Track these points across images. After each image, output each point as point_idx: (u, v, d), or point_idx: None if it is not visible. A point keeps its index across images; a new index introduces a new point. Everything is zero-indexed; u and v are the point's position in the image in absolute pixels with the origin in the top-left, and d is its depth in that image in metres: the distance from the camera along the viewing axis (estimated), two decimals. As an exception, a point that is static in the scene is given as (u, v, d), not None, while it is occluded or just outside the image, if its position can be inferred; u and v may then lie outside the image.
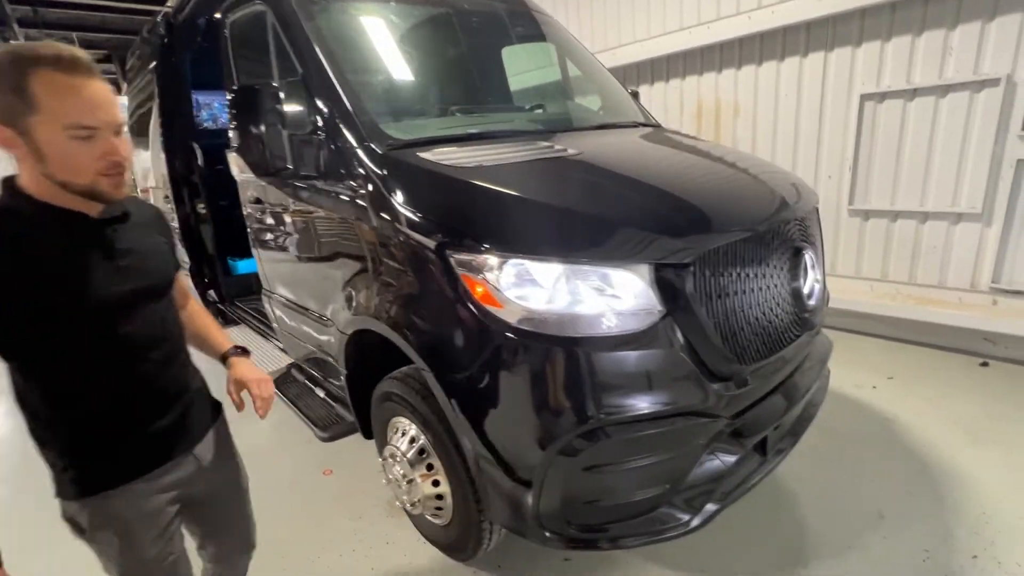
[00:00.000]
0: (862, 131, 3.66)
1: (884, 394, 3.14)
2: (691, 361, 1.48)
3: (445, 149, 1.83)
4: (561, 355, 1.42)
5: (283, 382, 3.20)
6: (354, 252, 1.97)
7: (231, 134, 1.81)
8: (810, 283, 1.78)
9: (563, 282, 1.43)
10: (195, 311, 1.42)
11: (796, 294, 1.74)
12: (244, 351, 1.40)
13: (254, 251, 2.92)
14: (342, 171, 1.89)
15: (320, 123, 1.94)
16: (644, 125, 2.73)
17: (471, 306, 1.50)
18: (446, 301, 1.57)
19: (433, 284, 1.61)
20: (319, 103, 1.94)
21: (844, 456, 2.59)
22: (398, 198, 1.70)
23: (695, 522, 1.56)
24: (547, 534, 1.53)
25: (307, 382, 3.07)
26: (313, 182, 2.03)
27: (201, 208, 3.95)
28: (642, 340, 1.44)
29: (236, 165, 1.83)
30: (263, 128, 1.86)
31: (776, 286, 1.69)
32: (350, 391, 2.24)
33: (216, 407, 1.36)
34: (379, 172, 1.76)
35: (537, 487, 1.48)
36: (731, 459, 1.60)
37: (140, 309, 1.10)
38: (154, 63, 3.84)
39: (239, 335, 3.63)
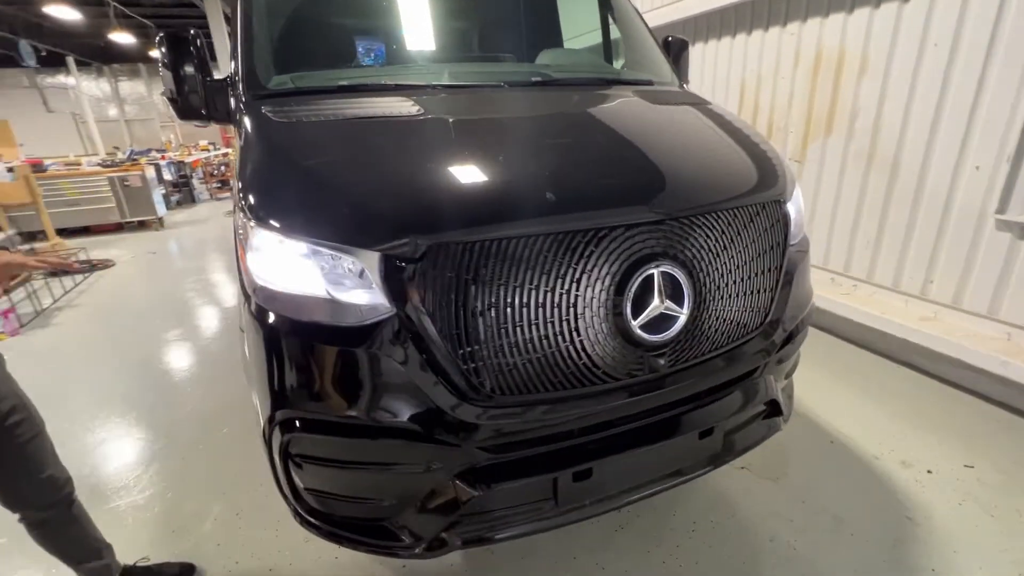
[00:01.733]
0: (1042, 104, 2.41)
1: (937, 485, 2.23)
2: (415, 377, 1.25)
3: (294, 103, 1.76)
4: (275, 334, 1.33)
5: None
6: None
7: (162, 77, 2.00)
8: (652, 312, 1.31)
9: (290, 259, 1.31)
10: None
11: (621, 323, 1.31)
12: None
13: None
14: (234, 119, 1.96)
15: (230, 70, 2.02)
16: (634, 84, 2.22)
17: (241, 268, 1.48)
18: (240, 259, 1.58)
19: (239, 240, 1.62)
20: (232, 49, 2.01)
21: (803, 544, 1.96)
22: (241, 148, 1.72)
23: (419, 549, 1.39)
24: (287, 506, 1.53)
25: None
26: (227, 127, 2.16)
27: None
28: (358, 338, 1.26)
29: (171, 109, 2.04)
30: (188, 71, 2.01)
31: (590, 308, 1.29)
32: None
33: None
34: (239, 121, 1.79)
35: (269, 459, 1.47)
36: (474, 495, 1.34)
37: None
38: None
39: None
